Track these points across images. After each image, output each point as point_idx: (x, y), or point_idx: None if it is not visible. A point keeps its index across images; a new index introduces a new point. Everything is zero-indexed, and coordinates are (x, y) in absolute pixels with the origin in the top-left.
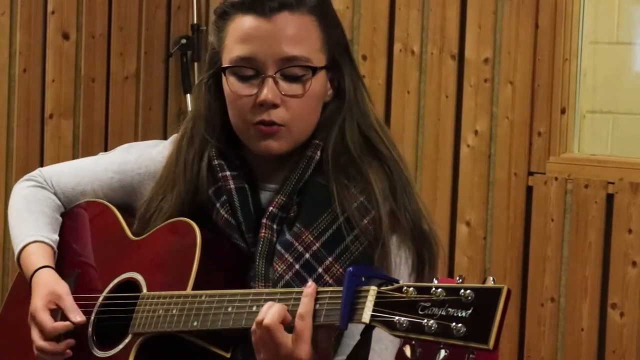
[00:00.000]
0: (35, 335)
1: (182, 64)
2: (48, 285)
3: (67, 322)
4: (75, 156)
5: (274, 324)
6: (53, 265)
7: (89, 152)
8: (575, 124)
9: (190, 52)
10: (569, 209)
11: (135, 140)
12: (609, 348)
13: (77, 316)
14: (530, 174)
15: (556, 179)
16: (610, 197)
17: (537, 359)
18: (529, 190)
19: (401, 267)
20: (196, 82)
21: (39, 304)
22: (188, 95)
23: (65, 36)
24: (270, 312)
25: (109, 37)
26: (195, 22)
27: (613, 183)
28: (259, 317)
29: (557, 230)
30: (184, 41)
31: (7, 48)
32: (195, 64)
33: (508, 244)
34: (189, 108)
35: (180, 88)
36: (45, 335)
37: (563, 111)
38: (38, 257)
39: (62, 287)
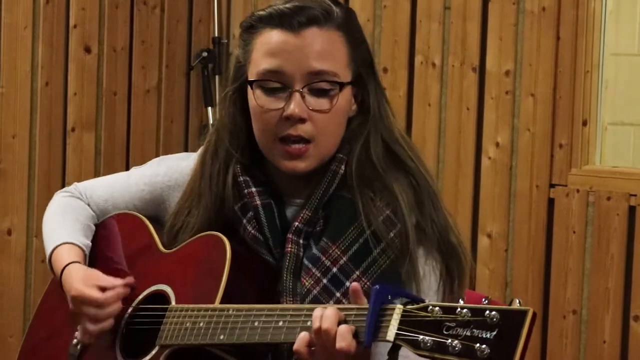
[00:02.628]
0: (92, 311)
1: (204, 77)
2: (81, 272)
3: (116, 290)
4: (97, 169)
5: (332, 325)
6: (83, 263)
7: (111, 164)
8: (597, 136)
9: (212, 65)
10: (591, 221)
11: (156, 153)
12: None
13: (119, 280)
14: (552, 186)
15: (578, 191)
16: (632, 209)
17: None
18: (551, 202)
19: (430, 278)
20: (218, 94)
21: (80, 286)
22: (209, 108)
23: (87, 50)
24: (326, 315)
25: (130, 51)
26: (216, 35)
27: (635, 195)
28: (316, 324)
29: (579, 242)
30: (205, 54)
31: (29, 62)
32: (217, 76)
33: (530, 256)
34: (210, 121)
35: (201, 101)
36: (101, 306)
37: (585, 123)
38: (67, 256)
39: (94, 270)
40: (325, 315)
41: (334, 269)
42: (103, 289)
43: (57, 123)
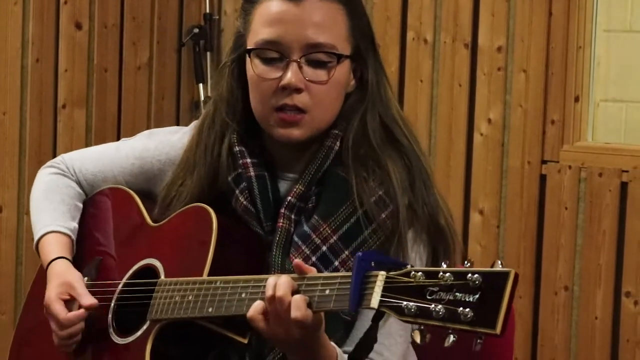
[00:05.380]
0: (54, 326)
1: (195, 53)
2: (60, 276)
3: (81, 311)
4: (88, 145)
5: (286, 294)
6: (68, 255)
7: (102, 141)
8: (589, 112)
9: (203, 42)
10: (583, 198)
11: (148, 129)
12: (622, 337)
13: (87, 300)
14: (544, 162)
15: (570, 167)
16: (624, 185)
17: (550, 348)
18: (543, 178)
19: (416, 261)
20: (209, 71)
21: (52, 295)
22: (201, 85)
23: (78, 26)
24: (280, 283)
25: (121, 27)
26: (207, 11)
27: (627, 171)
28: (269, 292)
29: (571, 218)
30: (196, 30)
31: (20, 38)
32: (208, 53)
33: (521, 232)
34: (202, 97)
35: (192, 77)
36: (61, 325)
37: (577, 99)
38: (53, 248)
39: (73, 276)
40: (278, 283)
41: (324, 248)
42: (75, 301)
43: (48, 100)
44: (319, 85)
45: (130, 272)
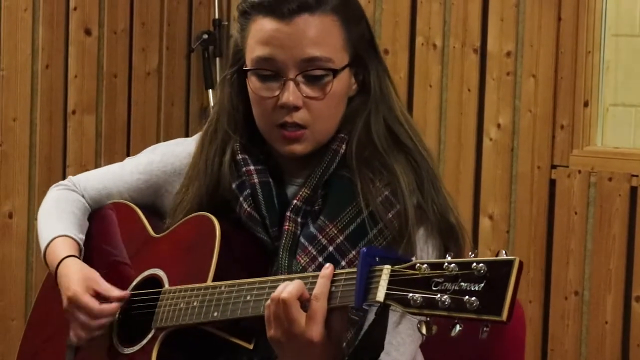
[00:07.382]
0: (84, 317)
1: (204, 59)
2: (80, 271)
3: (114, 304)
4: (97, 152)
5: (292, 298)
6: (79, 257)
7: (111, 147)
8: (598, 117)
9: (212, 47)
10: (593, 202)
11: (157, 135)
12: (633, 341)
13: (117, 292)
14: (554, 167)
15: (579, 172)
16: (634, 190)
17: (560, 352)
18: (552, 183)
19: (428, 259)
20: (218, 77)
21: (78, 289)
22: (210, 91)
23: (88, 32)
24: (288, 287)
25: (130, 33)
26: (216, 17)
27: (637, 176)
28: (276, 293)
29: (581, 223)
30: (205, 36)
31: (30, 44)
32: (217, 59)
33: (531, 237)
34: (211, 103)
35: (202, 83)
36: (94, 316)
37: (586, 104)
38: (64, 249)
39: (93, 272)
40: (286, 289)
41: (330, 248)
42: (99, 295)
43: (58, 106)
44: (317, 100)
45: (134, 282)
